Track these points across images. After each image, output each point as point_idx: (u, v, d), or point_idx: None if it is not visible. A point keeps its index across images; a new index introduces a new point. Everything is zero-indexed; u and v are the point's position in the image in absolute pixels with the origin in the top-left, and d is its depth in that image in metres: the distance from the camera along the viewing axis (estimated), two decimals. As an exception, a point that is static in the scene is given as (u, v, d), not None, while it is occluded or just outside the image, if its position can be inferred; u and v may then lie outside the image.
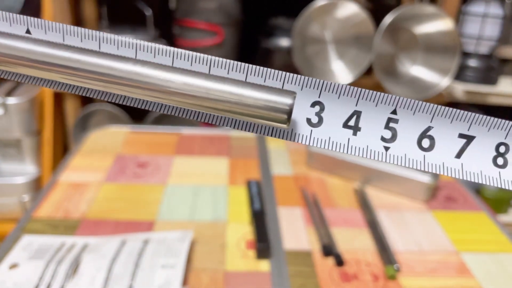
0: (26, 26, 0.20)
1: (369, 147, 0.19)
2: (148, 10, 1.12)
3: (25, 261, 0.48)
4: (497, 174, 0.19)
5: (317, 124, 0.20)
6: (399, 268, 0.51)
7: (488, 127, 0.19)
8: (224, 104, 0.18)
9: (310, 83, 0.19)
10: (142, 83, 0.18)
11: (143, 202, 0.62)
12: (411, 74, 1.13)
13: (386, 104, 0.19)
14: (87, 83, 0.19)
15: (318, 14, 1.04)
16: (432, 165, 0.19)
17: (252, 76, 0.19)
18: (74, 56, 0.18)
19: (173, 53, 0.19)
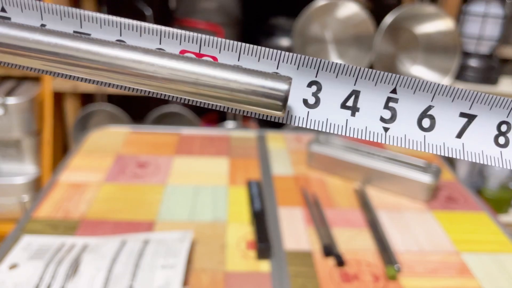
0: (0, 4, 0.18)
1: (368, 128, 0.19)
2: (148, 10, 1.12)
3: (25, 261, 0.48)
4: (498, 154, 0.19)
5: (314, 105, 0.19)
6: (399, 268, 0.51)
7: (490, 106, 0.18)
8: (214, 90, 0.17)
9: (306, 62, 0.18)
10: (127, 69, 0.17)
11: (143, 202, 0.62)
12: (411, 74, 1.13)
13: (386, 83, 0.18)
14: (69, 70, 0.18)
15: (318, 14, 1.04)
16: (432, 145, 0.19)
17: (245, 55, 0.18)
18: (52, 40, 0.17)
19: (160, 33, 0.18)
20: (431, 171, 0.65)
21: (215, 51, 0.18)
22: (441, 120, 0.19)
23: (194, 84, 0.17)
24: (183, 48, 0.18)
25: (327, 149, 0.71)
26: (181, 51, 0.18)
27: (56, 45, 0.17)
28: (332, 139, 0.74)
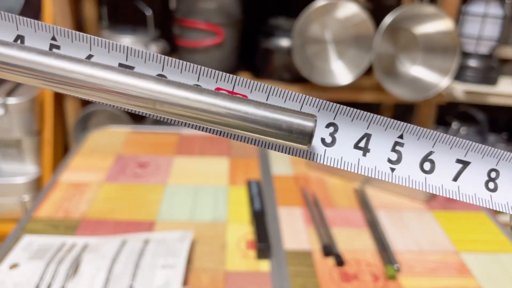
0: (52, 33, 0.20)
1: (377, 168, 0.21)
2: (148, 10, 1.12)
3: (25, 261, 0.48)
4: (489, 197, 0.21)
5: (331, 144, 0.21)
6: (399, 268, 0.51)
7: (482, 154, 0.21)
8: (247, 125, 0.19)
9: (326, 106, 0.20)
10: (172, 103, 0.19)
11: (143, 202, 0.62)
12: (411, 74, 1.13)
13: (394, 129, 0.20)
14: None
15: (318, 14, 1.04)
16: (432, 186, 0.21)
17: (273, 97, 0.20)
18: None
19: (199, 70, 0.20)
20: (431, 171, 0.65)
21: (246, 91, 0.20)
22: (440, 164, 0.21)
23: (228, 117, 0.19)
24: (218, 86, 0.20)
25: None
26: (216, 88, 0.20)
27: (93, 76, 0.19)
28: (332, 139, 0.74)
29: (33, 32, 0.20)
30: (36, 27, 0.20)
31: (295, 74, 1.10)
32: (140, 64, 0.20)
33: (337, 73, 1.10)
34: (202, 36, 1.08)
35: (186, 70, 0.20)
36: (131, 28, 1.13)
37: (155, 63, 0.20)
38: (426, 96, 1.09)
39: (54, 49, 0.20)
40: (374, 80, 1.17)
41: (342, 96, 1.15)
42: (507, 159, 0.21)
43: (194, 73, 0.20)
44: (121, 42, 0.99)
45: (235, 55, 1.15)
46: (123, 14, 1.31)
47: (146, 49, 1.09)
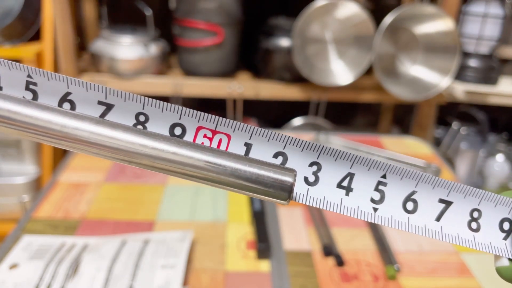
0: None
1: (360, 207, 0.21)
2: (148, 10, 1.12)
3: (25, 261, 0.48)
4: (472, 237, 0.21)
5: (314, 183, 0.21)
6: (399, 268, 0.51)
7: (464, 194, 0.21)
8: (226, 179, 0.19)
9: (310, 146, 0.20)
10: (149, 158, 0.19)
11: (143, 202, 0.62)
12: (411, 74, 1.13)
13: (378, 169, 0.20)
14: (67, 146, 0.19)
15: (318, 14, 1.04)
16: (415, 227, 0.21)
17: (256, 136, 0.20)
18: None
19: (180, 110, 0.20)
20: (431, 171, 0.65)
21: (229, 130, 0.20)
22: (423, 204, 0.21)
23: (203, 170, 0.19)
24: (200, 125, 0.20)
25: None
26: (198, 127, 0.20)
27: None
28: (332, 139, 0.74)
29: (8, 70, 0.20)
30: (10, 65, 0.19)
31: (295, 74, 1.10)
32: (119, 103, 0.20)
33: (337, 73, 1.10)
34: (202, 36, 1.08)
35: (167, 110, 0.20)
36: (131, 28, 1.13)
37: (135, 102, 0.20)
38: (426, 96, 1.09)
39: (31, 86, 0.20)
40: (374, 80, 1.16)
41: (342, 96, 1.15)
42: (489, 199, 0.21)
43: (176, 113, 0.20)
44: (121, 42, 0.99)
45: (235, 55, 1.15)
46: (123, 14, 1.31)
47: (146, 49, 1.08)
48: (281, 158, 0.21)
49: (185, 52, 1.12)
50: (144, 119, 0.20)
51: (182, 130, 0.20)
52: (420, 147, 0.84)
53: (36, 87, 0.20)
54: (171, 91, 1.11)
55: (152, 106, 0.20)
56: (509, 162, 1.24)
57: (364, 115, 1.52)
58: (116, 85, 1.10)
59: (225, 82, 1.12)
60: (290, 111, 1.31)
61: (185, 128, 0.20)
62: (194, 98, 1.30)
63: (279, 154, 0.21)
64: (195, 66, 1.12)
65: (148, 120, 0.20)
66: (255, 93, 1.13)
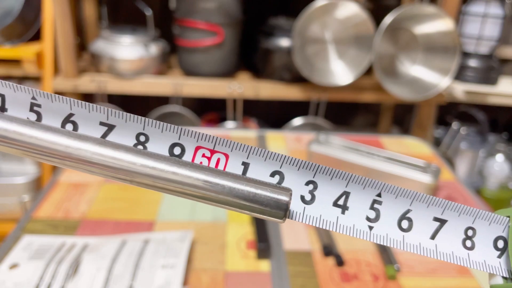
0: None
1: (355, 226, 0.21)
2: (148, 10, 1.12)
3: (25, 261, 0.48)
4: (466, 255, 0.21)
5: (310, 201, 0.21)
6: (399, 268, 0.51)
7: (459, 213, 0.21)
8: (223, 198, 0.19)
9: (306, 165, 0.21)
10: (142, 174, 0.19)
11: (143, 202, 0.62)
12: (411, 74, 1.13)
13: (373, 187, 0.21)
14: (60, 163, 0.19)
15: (318, 14, 1.04)
16: (410, 245, 0.21)
17: (253, 156, 0.21)
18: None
19: (180, 130, 0.20)
20: (431, 171, 0.65)
21: (227, 150, 0.20)
22: (418, 223, 0.21)
23: (202, 189, 0.19)
24: (199, 144, 0.20)
25: (327, 149, 0.71)
26: (197, 147, 0.21)
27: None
28: (332, 139, 0.74)
29: (13, 92, 0.20)
30: (16, 88, 0.20)
31: (295, 74, 1.10)
32: (121, 124, 0.20)
33: (337, 73, 1.10)
34: (202, 36, 1.08)
35: (166, 130, 0.20)
36: (131, 28, 1.13)
37: (135, 123, 0.20)
38: (426, 96, 1.09)
39: (36, 107, 0.20)
40: (374, 80, 1.16)
41: (342, 96, 1.15)
42: (483, 217, 0.21)
43: (175, 133, 0.20)
44: (121, 42, 0.99)
45: (235, 55, 1.15)
46: (123, 14, 1.31)
47: (146, 49, 1.09)
48: (278, 177, 0.21)
49: (185, 52, 1.12)
50: (145, 139, 0.20)
51: (181, 150, 0.21)
52: (420, 147, 0.84)
53: (40, 109, 0.20)
54: (171, 91, 1.11)
55: (152, 127, 0.20)
56: (508, 162, 1.24)
57: (364, 115, 1.52)
58: (116, 85, 1.10)
59: (225, 82, 1.12)
60: (290, 111, 1.31)
61: (184, 148, 0.21)
62: (194, 98, 1.31)
63: (276, 173, 0.21)
64: (195, 66, 1.12)
65: (149, 140, 0.20)
66: (255, 93, 1.13)
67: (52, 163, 0.19)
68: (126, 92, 1.12)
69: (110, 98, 1.18)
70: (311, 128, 1.19)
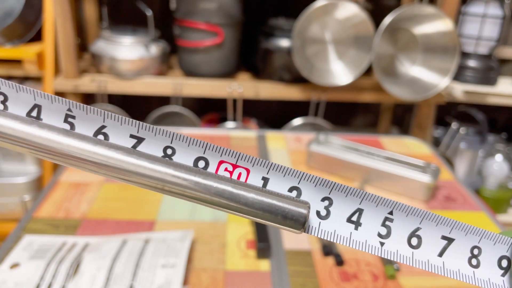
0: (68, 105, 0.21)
1: (368, 241, 0.22)
2: (148, 10, 1.12)
3: (26, 261, 0.48)
4: (472, 273, 0.22)
5: (325, 217, 0.22)
6: (398, 268, 0.51)
7: (466, 232, 0.22)
8: (247, 209, 0.20)
9: (322, 182, 0.22)
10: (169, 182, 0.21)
11: (144, 202, 0.62)
12: (411, 75, 1.13)
13: (385, 205, 0.22)
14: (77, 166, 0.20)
15: (318, 15, 1.04)
16: (419, 261, 0.22)
17: (273, 171, 0.22)
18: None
19: (205, 145, 0.21)
20: (430, 171, 0.65)
21: (249, 165, 0.21)
22: (426, 240, 0.22)
23: (227, 200, 0.20)
24: (222, 159, 0.21)
25: (327, 149, 0.71)
26: (220, 161, 0.21)
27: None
28: (332, 139, 0.74)
29: (50, 103, 0.21)
30: (53, 99, 0.21)
31: (295, 74, 1.10)
32: (150, 137, 0.21)
33: (337, 73, 1.10)
34: (202, 37, 1.08)
35: (193, 144, 0.21)
36: (131, 29, 1.13)
37: (164, 136, 0.21)
38: (425, 96, 1.09)
39: (70, 119, 0.21)
40: (374, 80, 1.17)
41: (342, 96, 1.15)
42: (488, 237, 0.22)
43: (201, 147, 0.21)
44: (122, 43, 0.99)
45: (235, 55, 1.15)
46: (124, 15, 1.32)
47: (146, 49, 1.09)
48: (296, 192, 0.22)
49: (185, 52, 1.12)
50: (171, 152, 0.21)
51: (205, 163, 0.21)
52: (419, 147, 0.85)
53: (74, 120, 0.21)
54: (171, 91, 1.11)
55: (180, 141, 0.21)
56: (508, 162, 1.24)
57: (364, 115, 1.52)
58: (116, 86, 1.10)
59: (225, 82, 1.12)
60: (290, 111, 1.31)
61: (208, 162, 0.21)
62: (194, 98, 1.31)
63: (294, 188, 0.22)
64: (195, 66, 1.12)
65: (175, 153, 0.21)
66: (255, 93, 1.13)
67: (89, 170, 0.20)
68: (127, 92, 1.12)
69: (111, 98, 1.19)
70: (311, 128, 1.19)
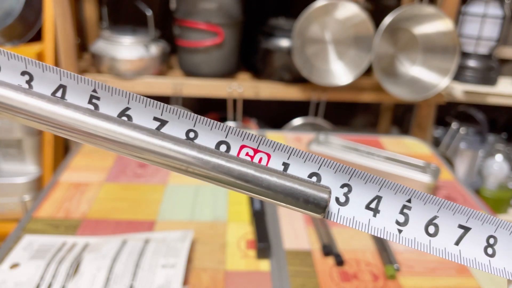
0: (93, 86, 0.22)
1: (386, 228, 0.22)
2: (148, 10, 1.12)
3: (26, 261, 0.48)
4: (487, 262, 0.22)
5: (344, 203, 0.22)
6: (399, 267, 0.51)
7: (482, 221, 0.22)
8: (271, 193, 0.21)
9: (342, 169, 0.22)
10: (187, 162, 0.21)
11: (144, 202, 0.62)
12: (411, 75, 1.13)
13: (403, 193, 0.22)
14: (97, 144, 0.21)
15: (318, 15, 1.04)
16: (436, 249, 0.22)
17: (293, 157, 0.22)
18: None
19: (228, 129, 0.21)
20: (430, 171, 0.65)
21: (270, 150, 0.22)
22: (443, 229, 0.22)
23: (254, 185, 0.21)
24: (244, 143, 0.22)
25: (327, 149, 0.71)
26: (242, 145, 0.22)
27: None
28: (332, 139, 0.74)
29: (76, 84, 0.21)
30: (79, 79, 0.21)
31: (295, 74, 1.10)
32: (174, 119, 0.21)
33: (337, 73, 1.10)
34: (202, 37, 1.08)
35: (215, 128, 0.21)
36: (131, 29, 1.13)
37: (187, 119, 0.21)
38: (425, 96, 1.09)
39: (94, 100, 0.21)
40: (374, 80, 1.17)
41: (342, 96, 1.15)
42: (505, 227, 0.22)
43: (223, 131, 0.21)
44: (121, 43, 0.98)
45: (235, 55, 1.15)
46: (123, 15, 1.32)
47: (146, 49, 1.09)
48: (315, 178, 0.22)
49: (185, 52, 1.12)
50: (194, 136, 0.21)
51: (227, 147, 0.22)
52: (419, 147, 0.85)
53: (98, 101, 0.21)
54: (171, 91, 1.11)
55: (203, 124, 0.21)
56: (508, 162, 1.24)
57: (364, 115, 1.52)
58: (116, 85, 1.09)
59: (225, 82, 1.12)
60: (290, 111, 1.31)
61: (229, 146, 0.22)
62: (194, 98, 1.31)
63: (314, 174, 0.22)
64: (195, 66, 1.12)
65: (197, 136, 0.21)
66: (255, 93, 1.13)
67: (123, 154, 0.21)
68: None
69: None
70: (311, 128, 1.19)
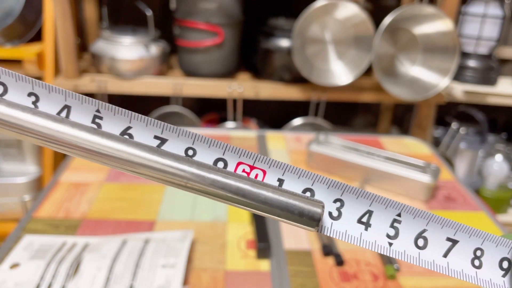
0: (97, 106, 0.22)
1: (377, 242, 0.23)
2: (148, 10, 1.12)
3: (26, 261, 0.48)
4: (474, 274, 0.23)
5: (337, 217, 0.23)
6: (398, 267, 0.51)
7: (469, 234, 0.23)
8: (266, 208, 0.21)
9: (335, 184, 0.23)
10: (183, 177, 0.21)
11: (144, 202, 0.62)
12: (411, 75, 1.13)
13: (394, 208, 0.23)
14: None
15: (318, 15, 1.04)
16: (425, 261, 0.23)
17: (288, 173, 0.23)
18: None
19: (225, 146, 0.22)
20: (430, 171, 0.65)
21: (265, 166, 0.22)
22: (432, 241, 0.23)
23: (246, 198, 0.21)
24: (240, 160, 0.22)
25: (327, 149, 0.71)
26: (239, 162, 0.22)
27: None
28: (332, 139, 0.74)
29: (80, 104, 0.21)
30: (83, 100, 0.21)
31: (295, 74, 1.10)
32: (173, 138, 0.22)
33: (337, 73, 1.10)
34: (202, 37, 1.08)
35: (213, 146, 0.22)
36: (131, 29, 1.13)
37: (186, 138, 0.22)
38: (425, 96, 1.09)
39: (97, 119, 0.22)
40: (374, 80, 1.17)
41: (342, 96, 1.15)
42: (491, 239, 0.23)
43: (220, 148, 0.22)
44: (122, 43, 0.99)
45: (235, 55, 1.15)
46: (123, 15, 1.32)
47: (146, 49, 1.09)
48: (309, 193, 0.23)
49: (185, 52, 1.12)
50: (192, 153, 0.22)
51: (224, 164, 0.22)
52: (419, 147, 0.85)
53: (101, 121, 0.22)
54: (171, 92, 1.11)
55: (201, 142, 0.22)
56: (508, 162, 1.24)
57: (364, 115, 1.52)
58: (116, 86, 1.10)
59: (225, 82, 1.12)
60: (290, 111, 1.31)
61: (227, 162, 0.22)
62: (194, 98, 1.31)
63: (308, 190, 0.23)
64: (195, 66, 1.12)
65: (196, 154, 0.22)
66: (255, 93, 1.13)
67: (124, 170, 0.21)
68: (127, 92, 1.12)
69: (111, 98, 1.19)
70: (311, 128, 1.20)
